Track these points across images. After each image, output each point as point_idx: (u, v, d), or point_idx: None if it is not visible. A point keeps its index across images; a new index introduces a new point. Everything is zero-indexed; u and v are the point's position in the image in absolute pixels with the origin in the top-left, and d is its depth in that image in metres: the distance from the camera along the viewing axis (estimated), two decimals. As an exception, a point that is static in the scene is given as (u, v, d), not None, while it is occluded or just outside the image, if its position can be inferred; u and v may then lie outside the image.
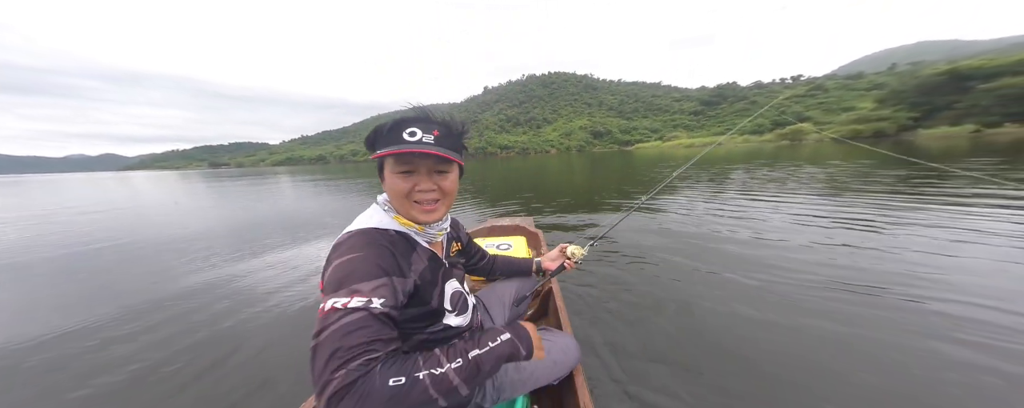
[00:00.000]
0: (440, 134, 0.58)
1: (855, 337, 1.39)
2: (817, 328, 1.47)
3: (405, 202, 0.60)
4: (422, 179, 0.59)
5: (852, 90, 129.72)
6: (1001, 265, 2.00)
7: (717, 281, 2.00)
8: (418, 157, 0.57)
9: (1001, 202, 3.50)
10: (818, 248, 2.47)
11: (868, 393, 1.11)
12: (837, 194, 4.56)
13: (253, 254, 3.22)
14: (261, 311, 1.97)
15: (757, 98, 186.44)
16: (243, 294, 2.25)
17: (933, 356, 1.25)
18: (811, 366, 1.23)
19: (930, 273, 1.94)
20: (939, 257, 2.18)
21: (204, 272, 2.77)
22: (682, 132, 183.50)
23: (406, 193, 0.59)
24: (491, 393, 0.72)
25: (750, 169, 9.27)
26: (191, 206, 7.42)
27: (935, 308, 1.58)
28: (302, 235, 3.98)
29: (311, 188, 11.22)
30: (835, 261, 2.20)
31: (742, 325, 1.53)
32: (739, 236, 2.85)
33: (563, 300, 1.27)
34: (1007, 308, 1.53)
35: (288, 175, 25.43)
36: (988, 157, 8.70)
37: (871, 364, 1.23)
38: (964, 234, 2.57)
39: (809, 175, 7.01)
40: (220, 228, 4.69)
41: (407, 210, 0.61)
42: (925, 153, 11.20)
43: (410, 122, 0.58)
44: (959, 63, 44.99)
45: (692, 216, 3.77)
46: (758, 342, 1.39)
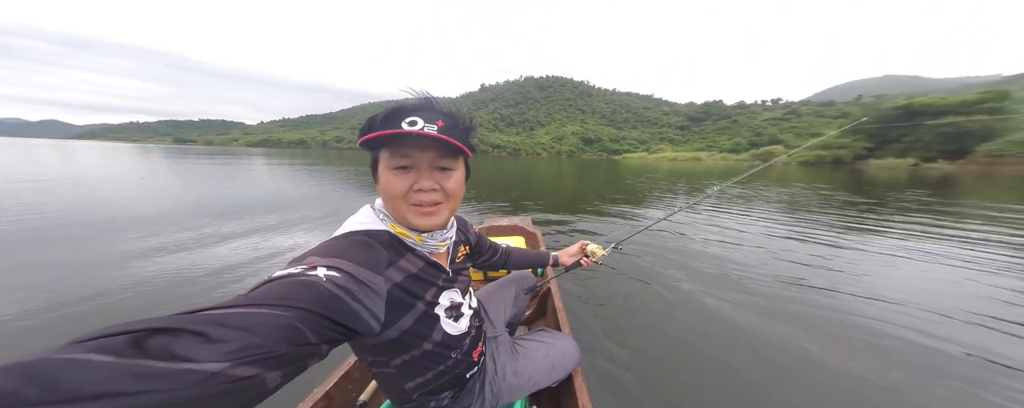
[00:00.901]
0: (445, 125, 0.50)
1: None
2: (824, 353, 1.52)
3: (401, 204, 0.51)
4: (422, 176, 0.51)
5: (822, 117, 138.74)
6: (918, 273, 2.65)
7: (716, 288, 2.11)
8: (418, 147, 0.49)
9: (925, 228, 4.33)
10: (804, 267, 2.72)
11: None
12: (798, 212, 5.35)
13: (181, 242, 3.04)
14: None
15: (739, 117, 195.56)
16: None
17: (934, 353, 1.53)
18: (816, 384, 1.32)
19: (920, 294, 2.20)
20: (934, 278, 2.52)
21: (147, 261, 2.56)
22: (667, 145, 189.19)
23: (403, 193, 0.50)
24: (490, 399, 0.69)
25: (754, 189, 9.35)
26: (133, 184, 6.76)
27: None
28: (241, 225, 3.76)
29: (270, 172, 10.93)
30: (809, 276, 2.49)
31: (739, 327, 1.60)
32: (735, 245, 3.18)
33: (562, 301, 1.27)
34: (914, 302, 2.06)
35: (263, 157, 24.46)
36: (921, 188, 9.93)
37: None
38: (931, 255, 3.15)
39: (776, 195, 7.64)
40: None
41: (403, 214, 0.52)
42: (872, 182, 12.33)
43: (410, 110, 0.49)
44: (914, 99, 48.94)
45: (688, 226, 4.06)
46: (757, 346, 1.46)
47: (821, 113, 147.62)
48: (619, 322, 1.70)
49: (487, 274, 1.85)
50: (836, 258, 2.95)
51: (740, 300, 2.00)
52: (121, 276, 2.26)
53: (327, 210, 4.90)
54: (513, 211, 5.08)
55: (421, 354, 0.56)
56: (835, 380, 1.35)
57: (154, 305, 1.91)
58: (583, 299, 1.93)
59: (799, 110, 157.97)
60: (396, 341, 0.52)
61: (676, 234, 3.63)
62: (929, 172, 24.63)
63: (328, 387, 0.85)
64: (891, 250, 3.28)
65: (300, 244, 3.21)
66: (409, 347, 0.54)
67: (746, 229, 4.05)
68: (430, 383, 0.59)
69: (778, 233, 3.86)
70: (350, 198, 6.25)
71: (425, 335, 0.56)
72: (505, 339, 0.82)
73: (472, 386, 0.67)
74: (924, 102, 46.90)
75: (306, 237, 3.45)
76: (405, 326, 0.52)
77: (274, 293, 0.32)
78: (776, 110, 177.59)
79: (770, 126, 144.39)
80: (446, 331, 0.58)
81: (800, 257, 2.94)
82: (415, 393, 0.60)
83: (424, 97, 0.52)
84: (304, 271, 0.37)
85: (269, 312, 0.30)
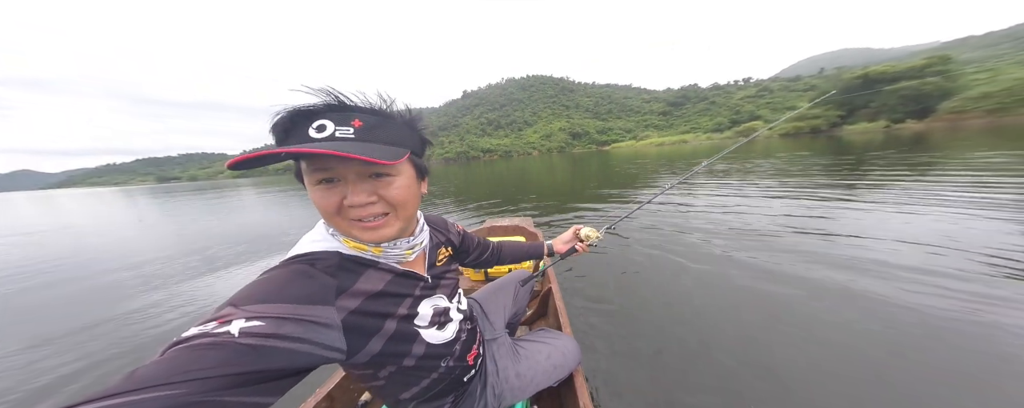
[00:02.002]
0: (363, 125, 0.41)
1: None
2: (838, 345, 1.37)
3: (339, 221, 0.44)
4: (351, 189, 0.42)
5: (792, 91, 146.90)
6: (907, 217, 2.82)
7: (715, 276, 2.00)
8: (335, 160, 0.40)
9: (909, 181, 4.56)
10: (792, 235, 2.67)
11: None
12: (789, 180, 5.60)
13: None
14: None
15: (716, 98, 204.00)
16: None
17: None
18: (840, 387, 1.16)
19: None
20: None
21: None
22: (653, 132, 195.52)
23: (335, 209, 0.42)
24: (492, 401, 0.68)
25: (729, 163, 10.10)
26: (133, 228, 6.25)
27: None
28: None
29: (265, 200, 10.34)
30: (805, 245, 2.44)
31: (738, 324, 1.51)
32: (728, 228, 2.98)
33: (563, 301, 1.26)
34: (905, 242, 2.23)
35: (252, 188, 22.50)
36: (896, 147, 10.68)
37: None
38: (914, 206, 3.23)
39: (763, 167, 8.33)
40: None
41: (346, 230, 0.45)
42: (850, 146, 13.15)
43: (318, 113, 0.40)
44: (870, 69, 53.63)
45: (682, 210, 3.91)
46: (760, 343, 1.37)
47: (791, 88, 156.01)
48: (619, 318, 1.63)
49: (487, 274, 1.85)
50: (838, 217, 2.94)
51: (747, 288, 1.82)
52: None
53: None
54: (513, 211, 4.94)
55: (406, 367, 0.52)
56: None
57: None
58: (583, 297, 1.87)
59: (770, 87, 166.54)
60: (372, 362, 0.47)
61: (672, 223, 3.34)
62: (901, 132, 26.54)
63: (330, 387, 0.86)
64: (879, 201, 3.37)
65: None
66: (389, 364, 0.50)
67: (747, 205, 3.87)
68: (426, 391, 0.57)
69: (779, 208, 3.60)
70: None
71: (404, 351, 0.51)
72: (506, 340, 0.82)
73: (473, 389, 0.66)
74: (878, 70, 51.25)
75: None
76: (375, 349, 0.46)
77: (172, 367, 0.28)
78: (749, 89, 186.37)
79: (747, 104, 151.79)
80: (429, 342, 0.54)
81: (807, 225, 2.79)
82: (412, 403, 0.57)
83: (331, 92, 0.42)
84: (214, 329, 0.32)
85: (158, 395, 0.26)
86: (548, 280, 1.48)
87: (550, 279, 1.44)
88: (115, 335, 1.98)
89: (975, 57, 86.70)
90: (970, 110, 37.38)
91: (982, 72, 51.46)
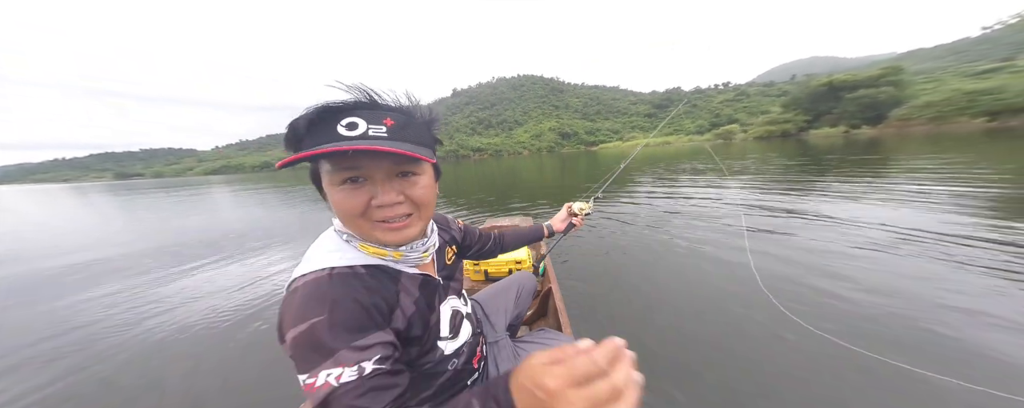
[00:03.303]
0: (395, 124, 0.41)
1: None
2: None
3: (362, 223, 0.43)
4: (380, 188, 0.41)
5: (767, 96, 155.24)
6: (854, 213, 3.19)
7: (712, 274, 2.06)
8: (366, 158, 0.39)
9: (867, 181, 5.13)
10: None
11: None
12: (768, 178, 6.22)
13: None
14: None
15: (697, 101, 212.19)
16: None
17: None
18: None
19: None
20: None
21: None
22: (639, 133, 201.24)
23: (361, 211, 0.42)
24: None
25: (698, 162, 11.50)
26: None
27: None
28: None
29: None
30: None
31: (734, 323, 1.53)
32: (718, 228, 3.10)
33: (563, 301, 1.25)
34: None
35: (225, 185, 21.61)
36: (853, 149, 12.18)
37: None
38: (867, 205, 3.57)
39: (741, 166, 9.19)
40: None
41: (368, 232, 0.44)
42: (815, 149, 14.52)
43: (348, 110, 0.40)
44: (834, 77, 57.96)
45: (683, 209, 4.07)
46: (758, 340, 1.38)
47: (766, 93, 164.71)
48: (618, 315, 1.67)
49: (488, 274, 1.83)
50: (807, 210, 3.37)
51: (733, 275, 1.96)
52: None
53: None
54: (505, 212, 4.96)
55: (418, 375, 0.52)
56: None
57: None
58: (583, 294, 1.90)
59: (747, 91, 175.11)
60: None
61: (655, 222, 3.47)
62: (858, 137, 29.02)
63: None
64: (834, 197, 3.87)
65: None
66: (411, 371, 0.49)
67: (720, 201, 4.22)
68: (430, 399, 0.55)
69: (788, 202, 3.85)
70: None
71: (429, 358, 0.51)
72: (507, 343, 0.81)
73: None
74: (841, 79, 55.85)
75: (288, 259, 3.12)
76: (408, 358, 0.48)
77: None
78: (728, 93, 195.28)
79: (725, 107, 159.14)
80: (447, 345, 0.54)
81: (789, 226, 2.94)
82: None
83: (363, 89, 0.41)
84: (354, 379, 0.35)
85: None
86: (548, 280, 1.48)
87: (550, 279, 1.44)
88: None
89: (925, 68, 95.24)
90: (915, 118, 41.39)
91: (929, 83, 56.92)
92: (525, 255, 1.89)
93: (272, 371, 1.50)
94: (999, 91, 34.37)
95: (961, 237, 2.43)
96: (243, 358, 1.62)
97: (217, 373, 1.51)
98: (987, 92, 35.76)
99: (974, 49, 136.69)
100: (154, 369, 1.58)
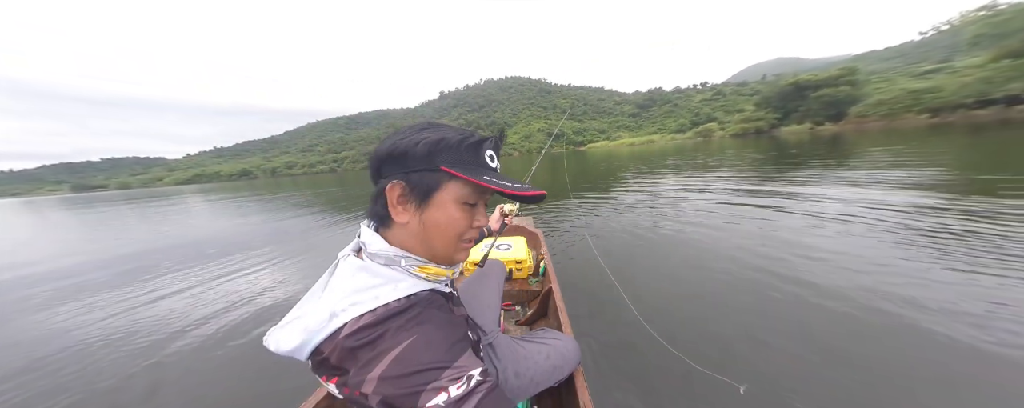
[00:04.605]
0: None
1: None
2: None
3: (454, 242, 0.46)
4: (481, 211, 0.46)
5: (742, 95, 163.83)
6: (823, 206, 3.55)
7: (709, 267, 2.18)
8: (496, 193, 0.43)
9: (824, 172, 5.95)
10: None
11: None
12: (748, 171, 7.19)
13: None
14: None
15: (678, 101, 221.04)
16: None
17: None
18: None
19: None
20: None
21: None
22: (625, 132, 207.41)
23: (463, 231, 0.45)
24: None
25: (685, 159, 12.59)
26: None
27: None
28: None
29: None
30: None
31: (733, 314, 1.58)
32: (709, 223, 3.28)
33: (563, 301, 1.24)
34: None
35: (201, 194, 20.60)
36: (819, 146, 13.28)
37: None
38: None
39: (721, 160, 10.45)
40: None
41: (451, 252, 0.47)
42: (784, 144, 16.10)
43: (489, 142, 0.45)
44: (799, 77, 62.52)
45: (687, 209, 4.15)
46: (766, 333, 1.40)
47: (740, 92, 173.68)
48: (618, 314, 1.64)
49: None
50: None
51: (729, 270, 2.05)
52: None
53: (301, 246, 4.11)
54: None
55: None
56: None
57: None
58: (583, 290, 1.92)
59: (723, 91, 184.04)
60: None
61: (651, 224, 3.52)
62: (823, 133, 31.52)
63: None
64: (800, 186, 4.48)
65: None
66: None
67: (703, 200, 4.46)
68: None
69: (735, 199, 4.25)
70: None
71: None
72: (502, 340, 0.81)
73: None
74: (805, 78, 60.46)
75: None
76: None
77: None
78: (706, 93, 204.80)
79: (704, 106, 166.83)
80: None
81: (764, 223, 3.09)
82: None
83: (498, 129, 0.48)
84: (470, 389, 0.34)
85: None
86: (548, 280, 1.47)
87: (550, 279, 1.43)
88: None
89: (878, 69, 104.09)
90: (870, 115, 45.41)
91: (881, 82, 62.39)
92: (525, 255, 1.83)
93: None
94: (938, 90, 38.42)
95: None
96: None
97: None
98: (928, 91, 39.91)
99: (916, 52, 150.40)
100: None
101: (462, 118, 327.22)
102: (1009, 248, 2.11)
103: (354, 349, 0.38)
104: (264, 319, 2.15)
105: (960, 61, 47.31)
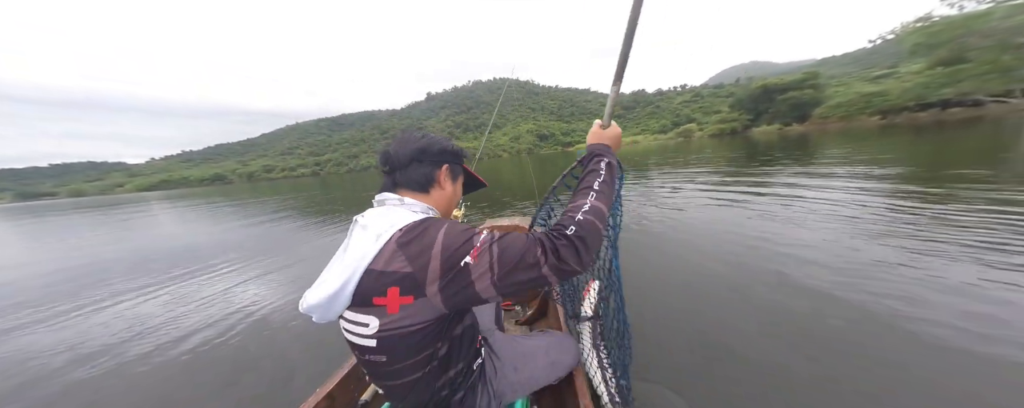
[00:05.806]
0: None
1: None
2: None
3: (453, 205, 0.75)
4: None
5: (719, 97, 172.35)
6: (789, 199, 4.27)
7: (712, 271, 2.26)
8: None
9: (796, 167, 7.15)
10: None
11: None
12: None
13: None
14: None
15: (660, 103, 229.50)
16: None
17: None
18: None
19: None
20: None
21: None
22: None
23: (457, 199, 0.76)
24: (491, 398, 0.71)
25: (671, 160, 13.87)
26: None
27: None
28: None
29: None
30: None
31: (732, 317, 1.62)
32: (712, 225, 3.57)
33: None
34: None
35: (167, 201, 19.74)
36: (788, 144, 15.03)
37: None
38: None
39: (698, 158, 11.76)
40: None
41: (451, 211, 0.75)
42: (756, 144, 17.80)
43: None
44: (768, 80, 67.26)
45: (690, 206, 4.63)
46: (758, 334, 1.46)
47: (717, 94, 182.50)
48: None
49: None
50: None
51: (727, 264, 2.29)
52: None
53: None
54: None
55: (455, 337, 0.62)
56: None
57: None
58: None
59: (702, 93, 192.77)
60: (453, 320, 0.60)
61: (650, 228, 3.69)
62: (791, 133, 34.04)
63: (330, 387, 0.86)
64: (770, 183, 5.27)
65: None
66: (454, 328, 0.61)
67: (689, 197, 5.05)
68: (453, 380, 0.62)
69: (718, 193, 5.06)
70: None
71: (467, 319, 0.66)
72: (500, 336, 0.84)
73: (474, 383, 0.69)
74: (773, 82, 65.34)
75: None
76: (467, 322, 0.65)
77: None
78: (685, 94, 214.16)
79: (684, 108, 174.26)
80: (469, 316, 0.67)
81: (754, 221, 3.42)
82: (436, 395, 0.62)
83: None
84: (489, 237, 0.55)
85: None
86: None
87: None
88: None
89: (837, 73, 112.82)
90: (830, 116, 49.57)
91: (840, 86, 68.13)
92: None
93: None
94: (886, 94, 42.59)
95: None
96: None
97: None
98: (878, 94, 44.17)
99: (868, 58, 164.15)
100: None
101: (450, 120, 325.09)
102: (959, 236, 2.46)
103: (408, 243, 0.53)
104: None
105: (904, 67, 52.56)
